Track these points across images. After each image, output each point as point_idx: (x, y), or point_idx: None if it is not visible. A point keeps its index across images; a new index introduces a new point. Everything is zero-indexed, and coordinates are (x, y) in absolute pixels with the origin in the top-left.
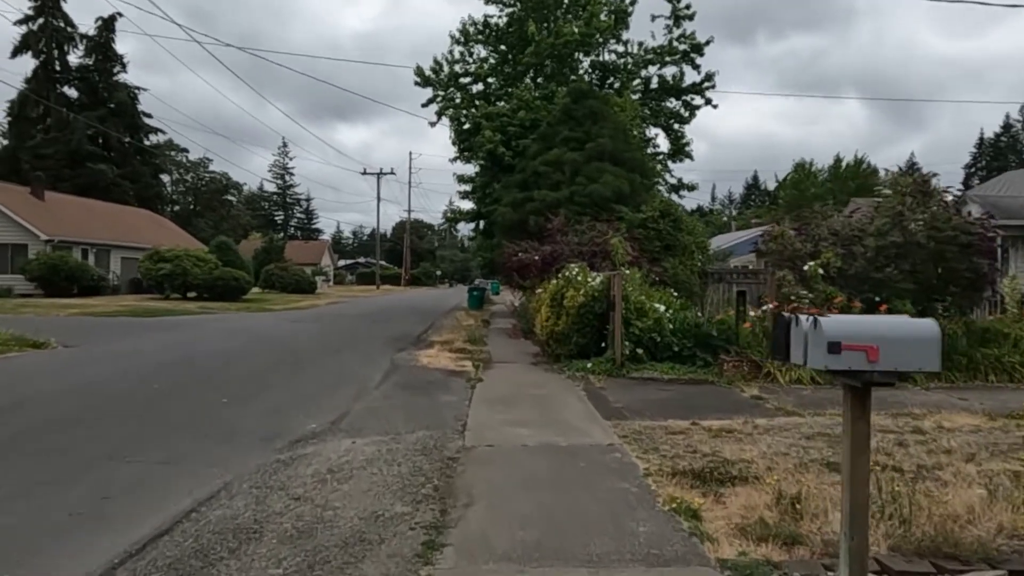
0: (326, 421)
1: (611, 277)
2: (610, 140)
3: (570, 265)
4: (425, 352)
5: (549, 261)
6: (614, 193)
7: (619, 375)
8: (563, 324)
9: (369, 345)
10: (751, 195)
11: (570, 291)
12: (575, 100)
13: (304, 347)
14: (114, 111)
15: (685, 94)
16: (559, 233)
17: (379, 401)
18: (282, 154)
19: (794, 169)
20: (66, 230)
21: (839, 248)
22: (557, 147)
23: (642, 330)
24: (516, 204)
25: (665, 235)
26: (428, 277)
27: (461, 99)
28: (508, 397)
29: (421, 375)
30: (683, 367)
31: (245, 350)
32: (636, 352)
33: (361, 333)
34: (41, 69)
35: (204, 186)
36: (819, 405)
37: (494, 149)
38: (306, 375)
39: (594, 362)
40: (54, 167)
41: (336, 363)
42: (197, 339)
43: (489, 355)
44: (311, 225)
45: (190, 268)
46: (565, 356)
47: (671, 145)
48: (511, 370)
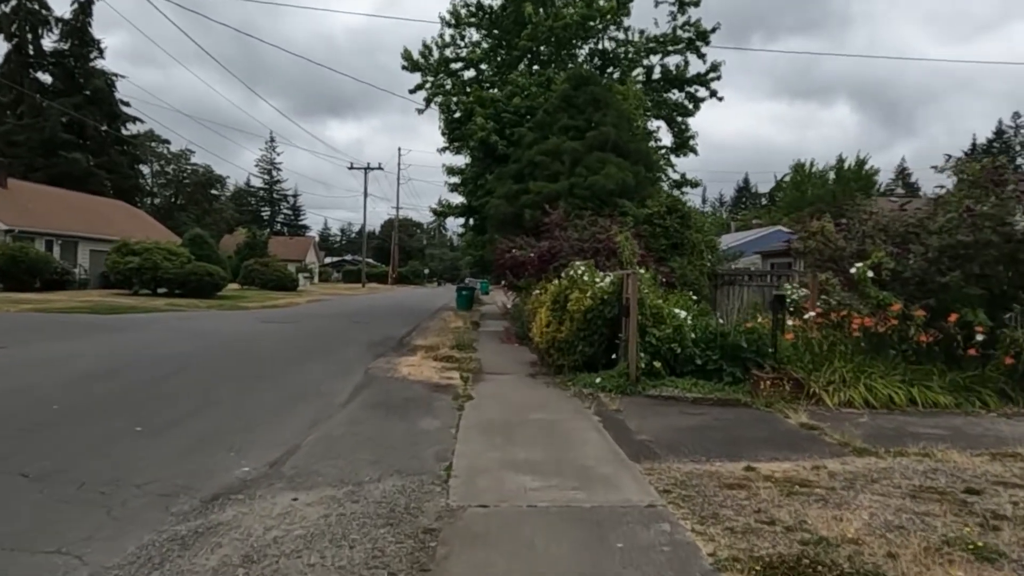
0: (264, 462)
1: (624, 277)
2: (613, 129)
3: (575, 263)
4: (407, 360)
5: (547, 258)
6: (617, 186)
7: (635, 393)
8: (567, 331)
9: (344, 350)
10: (742, 198)
11: (575, 293)
12: (575, 86)
13: (268, 353)
14: (90, 98)
15: (689, 85)
16: (557, 228)
17: (341, 428)
18: (269, 149)
19: (793, 170)
20: (29, 220)
21: (890, 246)
22: (555, 136)
23: (660, 339)
24: (510, 196)
25: (672, 232)
26: (416, 276)
27: (452, 85)
28: (505, 424)
29: (399, 390)
30: (708, 384)
31: (197, 356)
32: (653, 365)
33: (337, 336)
34: (14, 53)
35: (186, 178)
36: (891, 439)
37: (487, 137)
38: (260, 390)
39: (604, 376)
40: (26, 155)
41: (300, 373)
42: (148, 342)
43: (480, 364)
44: (298, 221)
45: (160, 262)
46: (569, 368)
47: (674, 139)
48: (506, 384)
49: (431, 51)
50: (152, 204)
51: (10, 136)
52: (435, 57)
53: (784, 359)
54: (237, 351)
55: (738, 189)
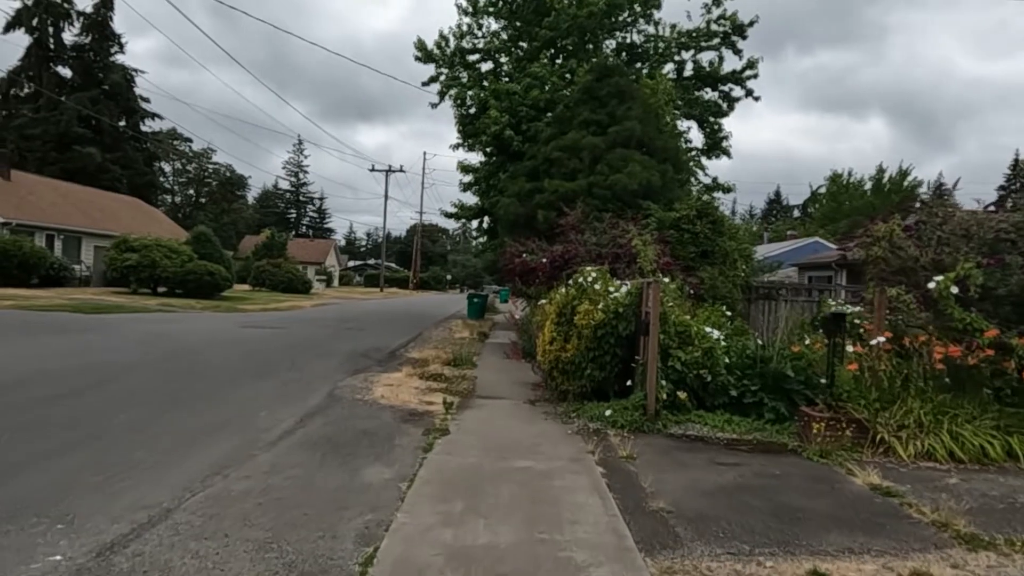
0: (97, 543)
1: (643, 287)
2: (639, 124)
3: (585, 269)
4: (387, 377)
5: (559, 264)
6: (641, 186)
7: (653, 431)
8: (573, 350)
9: (319, 363)
10: (773, 210)
11: (584, 304)
12: (598, 78)
13: (220, 365)
14: (108, 93)
15: (723, 83)
16: (573, 231)
17: (250, 481)
18: (297, 151)
19: (829, 181)
20: (29, 213)
21: (977, 256)
22: (575, 131)
23: (687, 364)
24: (523, 196)
25: (702, 239)
26: (437, 281)
27: (468, 78)
28: (476, 477)
29: (360, 419)
30: (745, 421)
31: (133, 367)
32: (676, 396)
33: (321, 345)
34: (35, 46)
35: (208, 177)
36: (1006, 516)
37: (500, 132)
38: (176, 416)
39: (616, 408)
40: (40, 149)
41: (249, 392)
42: (94, 347)
43: (472, 385)
44: (323, 224)
45: (159, 260)
46: (574, 395)
47: (706, 139)
48: (497, 413)
49: (447, 42)
50: (172, 202)
51: (25, 129)
52: (451, 47)
53: (843, 394)
54: (186, 362)
55: (769, 201)
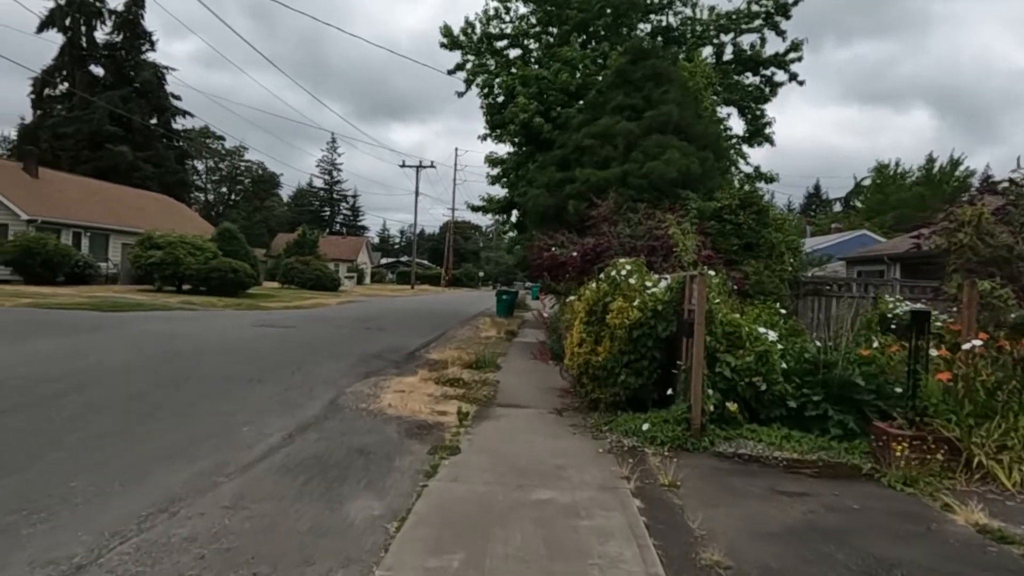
0: None
1: (686, 281)
2: (676, 108)
3: (619, 261)
4: (400, 382)
5: (591, 258)
6: (680, 174)
7: (699, 449)
8: (604, 353)
9: (328, 366)
10: (812, 204)
11: (617, 301)
12: (633, 60)
13: (225, 367)
14: (139, 91)
15: (765, 67)
16: (605, 222)
17: (199, 523)
18: (330, 149)
19: (875, 172)
20: (56, 210)
21: None
22: (608, 116)
23: (737, 370)
24: (552, 186)
25: (746, 230)
26: (470, 278)
27: (495, 65)
28: (485, 513)
29: (359, 434)
30: (807, 437)
31: (123, 371)
32: (726, 408)
33: (335, 345)
34: (68, 45)
35: (240, 175)
36: None
37: (529, 119)
38: (145, 431)
39: (655, 420)
40: (73, 148)
41: (240, 400)
42: (94, 348)
43: (493, 391)
44: (357, 222)
45: (183, 257)
46: (607, 404)
47: (747, 126)
48: (517, 426)
49: (473, 28)
50: (206, 200)
51: (58, 128)
52: (477, 34)
53: (928, 408)
54: (182, 365)
55: (807, 196)
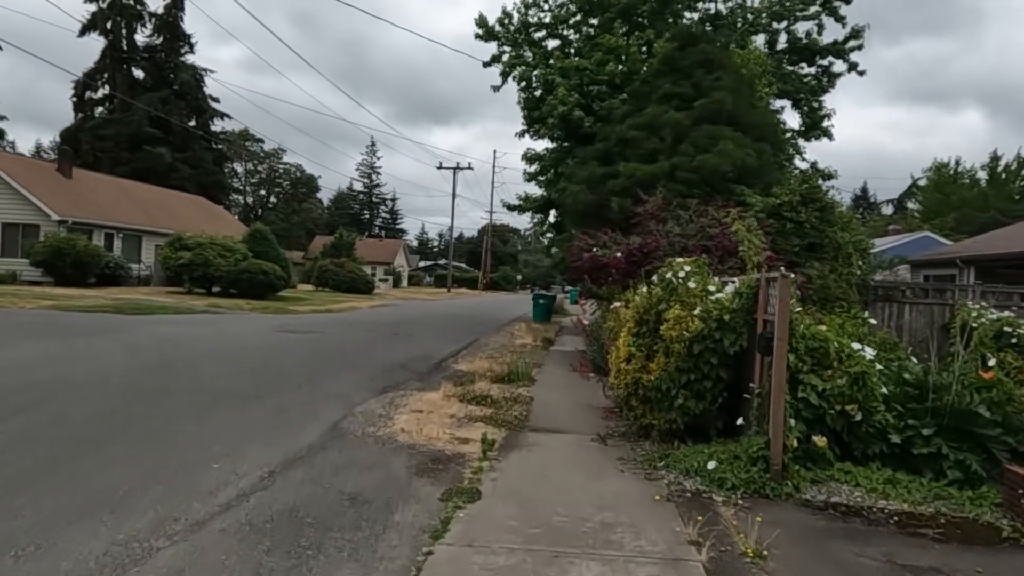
0: None
1: (761, 285)
2: (730, 96)
3: (675, 261)
4: (420, 399)
5: (636, 259)
6: (735, 167)
7: (781, 495)
8: (658, 371)
9: (342, 378)
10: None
11: (674, 309)
12: (682, 46)
13: (222, 379)
14: (177, 93)
15: (822, 56)
16: (653, 220)
17: None
18: (370, 153)
19: (934, 171)
20: (88, 211)
21: None
22: (654, 106)
23: (825, 396)
24: (593, 182)
25: (808, 229)
26: (507, 282)
27: (533, 56)
28: None
29: (357, 472)
30: (916, 482)
31: (106, 381)
32: (812, 443)
33: (357, 353)
34: (109, 48)
35: (279, 178)
36: None
37: (568, 112)
38: (81, 467)
39: (722, 456)
40: (113, 149)
41: (223, 423)
42: (82, 355)
43: (526, 412)
44: (395, 225)
45: (213, 258)
46: (661, 432)
47: (804, 118)
48: (552, 460)
49: (510, 18)
50: (245, 203)
51: (98, 130)
52: (514, 24)
53: None
54: (174, 376)
55: (855, 198)
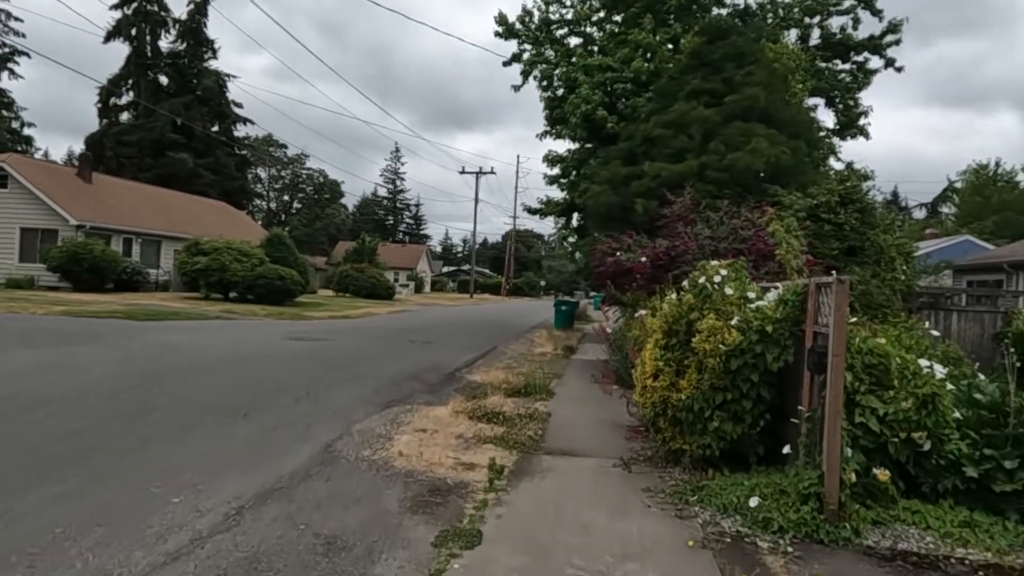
0: None
1: (809, 291)
2: (763, 91)
3: (708, 264)
4: (427, 415)
5: (663, 263)
6: (768, 165)
7: (838, 540)
8: (689, 388)
9: (345, 391)
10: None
11: (708, 318)
12: (711, 40)
13: (211, 393)
14: (200, 98)
15: (857, 51)
16: (681, 222)
17: None
18: (394, 159)
19: (972, 174)
20: (106, 216)
21: None
22: (682, 102)
23: (888, 421)
24: (617, 182)
25: (847, 231)
26: (531, 287)
27: (555, 55)
28: None
29: (341, 507)
30: (998, 525)
31: (81, 395)
32: (873, 477)
33: (366, 363)
34: (134, 55)
35: (302, 183)
36: None
37: (592, 111)
38: (10, 510)
39: (765, 490)
40: (136, 155)
41: (201, 445)
42: (66, 365)
43: (542, 431)
44: (419, 230)
45: (229, 263)
46: (695, 458)
47: (839, 116)
48: (569, 491)
49: (531, 16)
50: (268, 208)
51: (122, 136)
52: (535, 22)
53: None
54: (158, 390)
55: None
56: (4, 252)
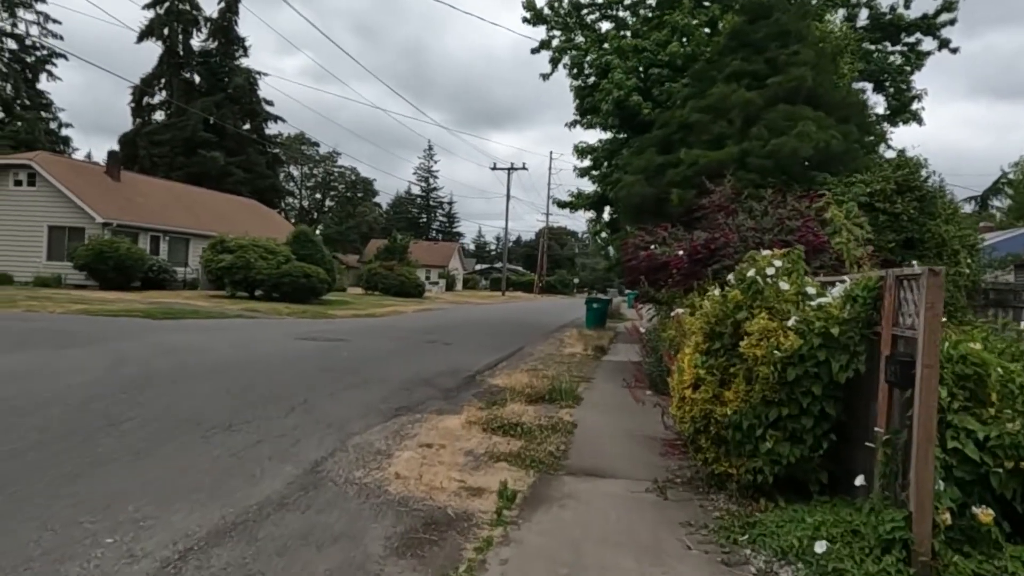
0: None
1: (887, 283)
2: (810, 71)
3: (760, 255)
4: (436, 426)
5: (702, 257)
6: (817, 151)
7: None
8: (737, 401)
9: (348, 398)
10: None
11: (759, 318)
12: (752, 19)
13: (190, 405)
14: (231, 97)
15: (909, 32)
16: (721, 212)
17: None
18: (427, 157)
19: None
20: (133, 213)
21: None
22: (721, 85)
23: (990, 447)
24: (651, 172)
25: (905, 222)
26: (564, 285)
27: (586, 41)
28: None
29: (314, 549)
30: None
31: (45, 404)
32: (972, 516)
33: (377, 366)
34: (166, 54)
35: (334, 181)
36: None
37: (624, 97)
38: None
39: (833, 529)
40: (169, 154)
41: (157, 467)
42: (49, 371)
43: (566, 445)
44: (452, 228)
45: (254, 261)
46: (743, 483)
47: (889, 102)
48: (592, 526)
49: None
50: (301, 207)
51: (154, 135)
52: (565, 6)
53: None
54: (138, 397)
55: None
56: (32, 250)
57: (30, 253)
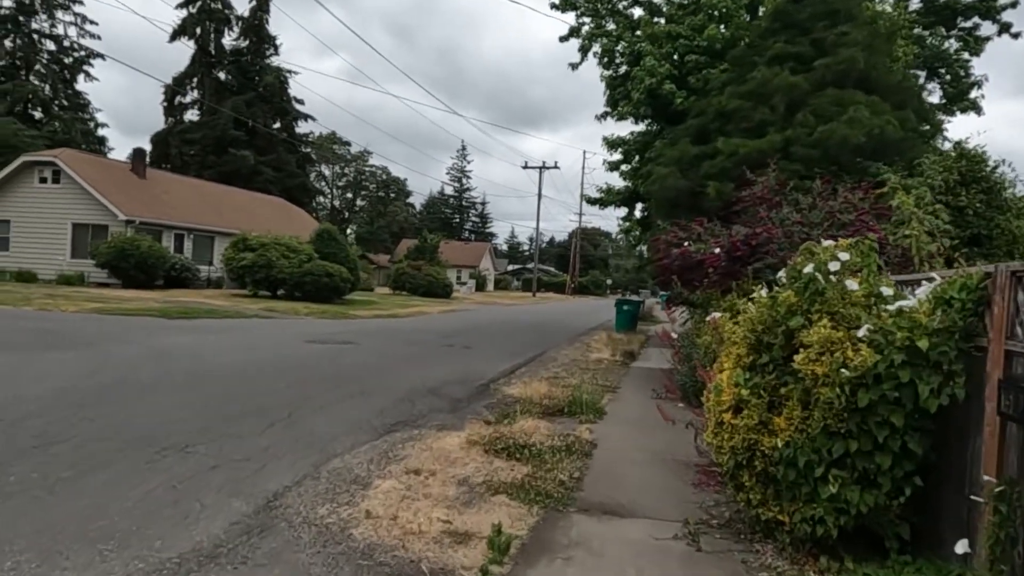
0: None
1: (997, 282)
2: (862, 53)
3: (820, 246)
4: (430, 447)
5: (742, 254)
6: (870, 139)
7: None
8: (790, 431)
9: (340, 410)
10: None
11: (820, 326)
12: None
13: (150, 419)
14: (261, 95)
15: (966, 16)
16: (764, 204)
17: None
18: (460, 157)
19: None
20: (157, 211)
21: None
22: (763, 69)
23: None
24: (685, 163)
25: (971, 216)
26: (597, 286)
27: (616, 27)
28: None
29: None
30: None
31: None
32: None
33: (384, 372)
34: (198, 53)
35: (365, 180)
36: None
37: (657, 85)
38: None
39: None
40: (200, 153)
41: (66, 504)
42: (34, 375)
43: (580, 471)
44: (485, 228)
45: (276, 259)
46: (799, 534)
47: (945, 89)
48: None
49: None
50: (332, 206)
51: (186, 134)
52: None
53: None
54: (91, 410)
55: None
56: (56, 248)
57: (54, 251)
